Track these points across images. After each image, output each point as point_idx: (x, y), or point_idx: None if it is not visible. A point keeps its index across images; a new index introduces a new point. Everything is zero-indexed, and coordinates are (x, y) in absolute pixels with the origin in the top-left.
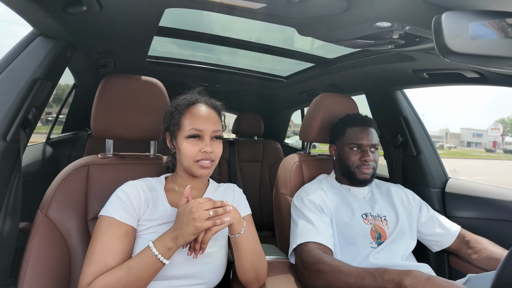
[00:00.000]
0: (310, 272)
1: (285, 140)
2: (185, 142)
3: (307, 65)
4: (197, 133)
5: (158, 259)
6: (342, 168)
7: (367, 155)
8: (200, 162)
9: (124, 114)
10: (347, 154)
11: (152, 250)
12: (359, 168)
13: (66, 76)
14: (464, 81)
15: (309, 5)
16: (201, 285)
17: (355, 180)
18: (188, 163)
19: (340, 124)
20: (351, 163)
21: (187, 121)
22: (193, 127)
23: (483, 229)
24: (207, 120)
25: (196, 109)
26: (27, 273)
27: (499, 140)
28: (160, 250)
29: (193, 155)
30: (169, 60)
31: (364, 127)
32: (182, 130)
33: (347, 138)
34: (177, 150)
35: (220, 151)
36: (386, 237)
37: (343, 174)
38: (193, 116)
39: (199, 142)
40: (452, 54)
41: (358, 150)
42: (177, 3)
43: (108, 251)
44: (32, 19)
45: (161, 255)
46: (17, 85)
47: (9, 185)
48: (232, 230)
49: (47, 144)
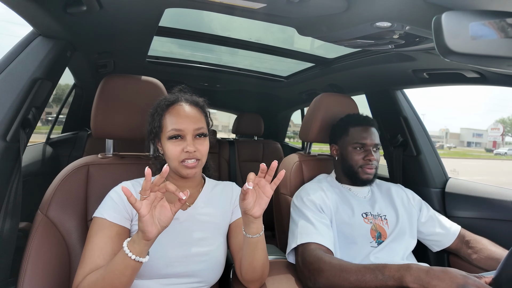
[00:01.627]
0: (311, 271)
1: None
2: (168, 144)
3: (307, 65)
4: (177, 133)
5: (130, 257)
6: (344, 168)
7: (370, 155)
8: (184, 162)
9: (124, 114)
10: (350, 154)
11: (124, 249)
12: (362, 167)
13: (66, 76)
14: (464, 81)
15: (309, 5)
16: (199, 283)
17: (358, 180)
18: (174, 164)
19: (342, 123)
20: (355, 163)
21: (168, 122)
22: (173, 127)
23: (483, 229)
24: (187, 118)
25: (175, 109)
26: (27, 273)
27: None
28: (131, 248)
29: (177, 156)
30: (169, 60)
31: (367, 127)
32: (164, 131)
33: (350, 138)
34: (163, 152)
35: (205, 149)
36: (386, 237)
37: (346, 174)
38: (173, 116)
39: (182, 142)
40: (452, 54)
41: (362, 149)
42: (177, 3)
43: (99, 252)
44: (32, 19)
45: (132, 253)
46: (17, 85)
47: (9, 185)
48: (257, 228)
49: (47, 144)
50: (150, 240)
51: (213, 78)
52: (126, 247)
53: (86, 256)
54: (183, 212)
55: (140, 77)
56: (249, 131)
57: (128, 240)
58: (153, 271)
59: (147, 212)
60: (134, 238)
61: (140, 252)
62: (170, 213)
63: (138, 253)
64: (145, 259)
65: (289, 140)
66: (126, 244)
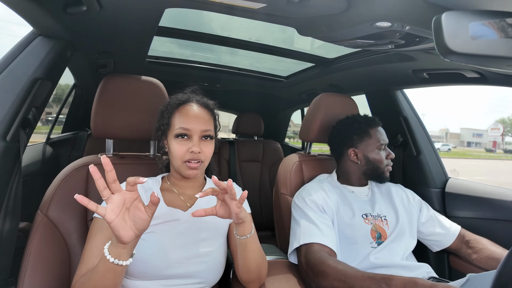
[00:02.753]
0: (315, 272)
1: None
2: (174, 142)
3: (307, 65)
4: (185, 132)
5: (111, 262)
6: (369, 170)
7: (391, 153)
8: (188, 163)
9: (124, 114)
10: (378, 155)
11: (105, 253)
12: (387, 166)
13: (66, 76)
14: (464, 81)
15: (309, 5)
16: (200, 284)
17: (384, 179)
18: (177, 163)
19: (362, 126)
20: (381, 163)
21: (176, 120)
22: (180, 126)
23: (483, 229)
24: (196, 119)
25: (186, 108)
26: (27, 273)
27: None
28: (112, 252)
29: (181, 155)
30: (169, 60)
31: (380, 127)
32: (171, 129)
33: (374, 140)
34: (168, 150)
35: (209, 152)
36: (386, 237)
37: (371, 176)
38: (182, 115)
39: (188, 142)
40: (452, 54)
41: (384, 149)
42: (177, 3)
43: (97, 253)
44: (32, 19)
45: (114, 257)
46: (17, 85)
47: (9, 185)
48: (243, 230)
49: (47, 144)
50: (127, 243)
51: (213, 78)
52: (106, 250)
53: (85, 257)
54: (184, 213)
55: (140, 77)
56: (249, 131)
57: (109, 243)
58: (154, 272)
59: (115, 217)
60: (112, 241)
61: (118, 255)
62: (146, 216)
63: (117, 256)
64: (127, 262)
65: (289, 140)
66: (106, 246)
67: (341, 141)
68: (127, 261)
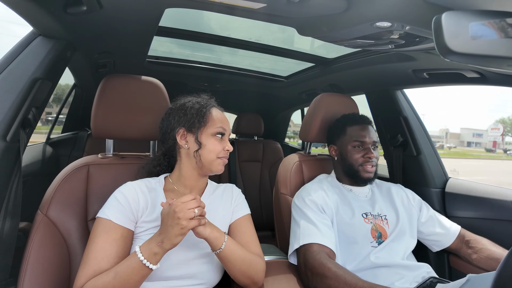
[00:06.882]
0: (314, 274)
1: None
2: (213, 139)
3: (307, 65)
4: (224, 131)
5: (144, 264)
6: (345, 167)
7: (370, 152)
8: (222, 159)
9: (124, 114)
10: (350, 153)
11: (138, 255)
12: (362, 165)
13: (66, 76)
14: (464, 81)
15: (309, 5)
16: (201, 285)
17: (359, 179)
18: (211, 158)
19: (339, 124)
20: (355, 161)
21: (215, 119)
22: (221, 125)
23: (483, 229)
24: (227, 122)
25: (218, 111)
26: (27, 273)
27: (499, 140)
28: (146, 255)
29: (218, 151)
30: (169, 60)
31: (364, 125)
32: (208, 126)
33: (348, 137)
34: (201, 146)
35: None
36: (386, 236)
37: (346, 174)
38: (218, 115)
39: (223, 141)
40: (452, 54)
41: (361, 148)
42: (177, 3)
43: (103, 254)
44: (32, 19)
45: (147, 260)
46: (17, 85)
47: (9, 185)
48: (212, 246)
49: (47, 144)
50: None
51: (213, 78)
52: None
53: (90, 258)
54: None
55: (140, 77)
56: (249, 131)
57: (141, 249)
58: (156, 274)
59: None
60: (152, 248)
61: (156, 261)
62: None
63: (155, 262)
64: (156, 266)
65: (289, 140)
66: (140, 252)
67: (328, 138)
68: (157, 265)
